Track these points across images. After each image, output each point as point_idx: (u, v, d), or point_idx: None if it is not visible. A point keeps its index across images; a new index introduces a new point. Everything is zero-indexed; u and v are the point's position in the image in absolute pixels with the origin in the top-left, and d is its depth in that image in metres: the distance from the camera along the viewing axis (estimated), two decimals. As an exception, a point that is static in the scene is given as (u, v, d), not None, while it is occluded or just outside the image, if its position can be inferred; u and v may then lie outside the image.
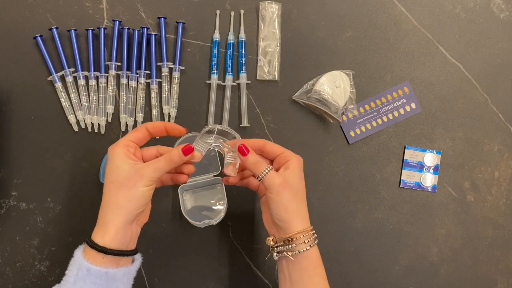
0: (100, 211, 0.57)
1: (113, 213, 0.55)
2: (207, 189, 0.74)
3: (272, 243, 0.60)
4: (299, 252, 0.57)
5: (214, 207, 0.74)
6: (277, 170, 0.60)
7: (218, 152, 0.74)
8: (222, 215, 0.72)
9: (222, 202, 0.73)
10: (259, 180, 0.59)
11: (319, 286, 0.58)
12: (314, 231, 0.59)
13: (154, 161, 0.57)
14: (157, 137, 0.74)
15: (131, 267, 0.58)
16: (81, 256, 0.55)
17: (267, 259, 0.63)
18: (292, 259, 0.57)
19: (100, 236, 0.55)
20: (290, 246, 0.57)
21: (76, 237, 0.74)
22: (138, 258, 0.60)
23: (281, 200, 0.57)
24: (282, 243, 0.58)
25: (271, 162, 0.63)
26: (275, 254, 0.59)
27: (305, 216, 0.59)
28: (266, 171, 0.58)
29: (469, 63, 0.78)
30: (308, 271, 0.58)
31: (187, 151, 0.58)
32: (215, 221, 0.71)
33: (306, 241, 0.57)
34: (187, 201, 0.73)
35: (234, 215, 0.75)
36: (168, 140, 0.71)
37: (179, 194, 0.72)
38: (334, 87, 0.73)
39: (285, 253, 0.58)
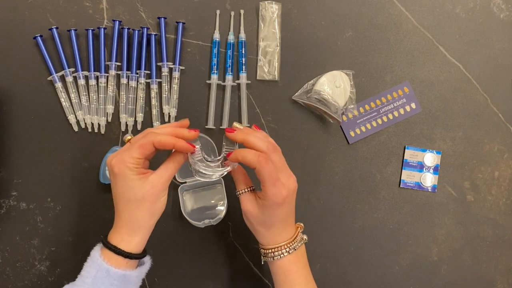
0: (121, 223, 0.58)
1: (137, 226, 0.58)
2: (207, 189, 0.74)
3: (261, 249, 0.64)
4: (263, 262, 0.63)
5: (214, 207, 0.74)
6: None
7: (218, 152, 0.74)
8: (222, 215, 0.72)
9: (222, 202, 0.73)
10: (237, 195, 0.62)
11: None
12: (286, 245, 0.60)
13: (165, 169, 0.58)
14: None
15: (142, 269, 0.60)
16: (100, 258, 0.56)
17: (263, 263, 0.64)
18: (262, 263, 0.64)
19: (125, 243, 0.57)
20: (262, 255, 0.63)
21: (76, 237, 0.74)
22: (148, 260, 0.62)
23: (247, 220, 0.62)
24: (263, 251, 0.62)
25: None
26: (262, 258, 0.63)
27: (273, 237, 0.60)
28: (241, 192, 0.62)
29: (469, 63, 0.78)
30: (280, 277, 0.61)
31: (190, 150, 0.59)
32: (215, 221, 0.71)
33: (273, 254, 0.60)
34: (187, 201, 0.73)
35: (234, 215, 0.75)
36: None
37: (179, 194, 0.72)
38: (334, 87, 0.73)
39: (266, 258, 0.62)
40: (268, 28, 0.76)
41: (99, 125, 0.75)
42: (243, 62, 0.76)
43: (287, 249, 0.60)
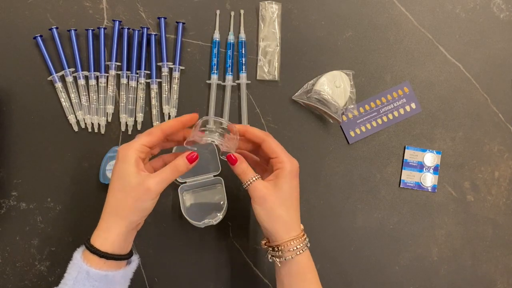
0: (103, 215, 0.57)
1: (116, 221, 0.56)
2: (207, 189, 0.74)
3: (265, 246, 0.60)
4: (285, 259, 0.57)
5: (214, 207, 0.74)
6: (271, 171, 0.60)
7: (218, 151, 0.74)
8: (222, 215, 0.72)
9: (222, 202, 0.73)
10: (245, 188, 0.59)
11: None
12: (304, 237, 0.58)
13: (160, 172, 0.56)
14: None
15: (128, 269, 0.59)
16: (80, 259, 0.55)
17: (266, 257, 0.63)
18: (279, 265, 0.58)
19: (101, 242, 0.55)
20: (277, 253, 0.57)
21: (76, 237, 0.74)
22: (135, 259, 0.61)
23: (263, 211, 0.57)
24: (271, 249, 0.58)
25: (268, 160, 0.61)
26: (269, 256, 0.59)
27: (293, 223, 0.58)
28: (251, 180, 0.58)
29: (469, 63, 0.78)
30: (298, 277, 0.58)
31: (192, 159, 0.58)
32: (215, 221, 0.71)
33: (293, 249, 0.57)
34: (187, 201, 0.73)
35: (234, 215, 0.75)
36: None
37: (179, 194, 0.72)
38: (334, 87, 0.73)
39: (274, 258, 0.58)
40: (268, 28, 0.76)
41: (99, 125, 0.75)
42: (243, 62, 0.76)
43: (306, 242, 0.58)
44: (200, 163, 0.68)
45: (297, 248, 0.57)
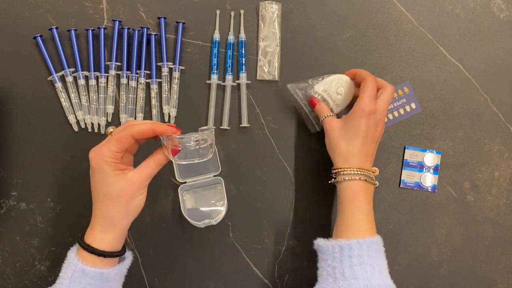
0: (96, 219, 0.58)
1: (111, 226, 0.57)
2: (207, 189, 0.74)
3: (333, 171, 0.67)
4: (338, 180, 0.65)
5: (214, 207, 0.74)
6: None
7: (217, 152, 0.74)
8: (222, 215, 0.72)
9: (222, 202, 0.73)
10: (321, 122, 0.69)
11: (353, 217, 0.63)
12: (361, 171, 0.64)
13: (144, 168, 0.56)
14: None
15: (122, 266, 0.60)
16: (75, 258, 0.56)
17: (330, 182, 0.68)
18: (336, 185, 0.66)
19: (98, 242, 0.56)
20: (334, 175, 0.67)
21: (76, 237, 0.74)
22: (129, 256, 0.61)
23: (327, 140, 0.68)
24: (333, 170, 0.67)
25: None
26: (333, 179, 0.67)
27: (351, 155, 0.65)
28: (325, 116, 0.69)
29: (469, 63, 0.78)
30: (344, 202, 0.64)
31: (174, 152, 0.58)
32: (215, 221, 0.71)
33: (346, 177, 0.64)
34: (187, 201, 0.73)
35: (234, 215, 0.75)
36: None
37: (179, 194, 0.72)
38: (335, 92, 0.73)
39: (333, 180, 0.67)
40: (268, 28, 0.76)
41: (99, 125, 0.75)
42: (243, 62, 0.76)
43: (360, 174, 0.64)
44: (200, 163, 0.68)
45: (347, 175, 0.64)
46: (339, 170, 0.65)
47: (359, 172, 0.64)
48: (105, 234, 0.56)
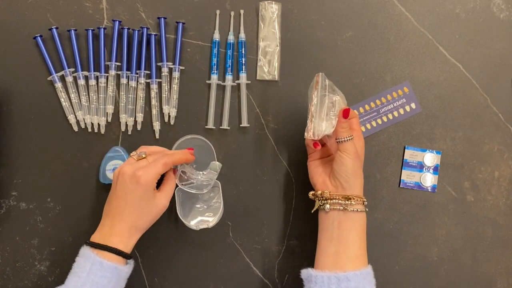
0: (122, 225, 0.63)
1: (139, 231, 0.65)
2: (202, 188, 0.74)
3: (329, 196, 0.64)
4: (356, 210, 0.63)
5: (210, 210, 0.73)
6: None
7: (216, 152, 0.74)
8: (218, 218, 0.72)
9: (218, 205, 0.73)
10: (339, 142, 0.64)
11: (362, 249, 0.63)
12: (359, 198, 0.64)
13: (167, 189, 0.67)
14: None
15: (130, 266, 0.65)
16: (92, 253, 0.61)
17: (312, 211, 0.66)
18: (349, 211, 0.63)
19: (123, 245, 0.63)
20: (348, 202, 0.63)
21: (76, 237, 0.74)
22: (131, 262, 0.67)
23: (353, 165, 0.64)
24: (340, 198, 0.63)
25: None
26: (327, 206, 0.63)
27: (362, 185, 0.65)
28: (350, 137, 0.64)
29: (469, 63, 0.78)
30: (358, 232, 0.63)
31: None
32: (210, 225, 0.71)
33: (363, 203, 0.64)
34: (183, 204, 0.73)
35: (234, 215, 0.75)
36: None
37: (176, 197, 0.71)
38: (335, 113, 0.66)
39: (341, 207, 0.63)
40: (268, 28, 0.76)
41: (99, 125, 0.75)
42: (243, 62, 0.76)
43: (363, 203, 0.64)
44: (198, 166, 0.71)
45: (363, 205, 0.64)
46: (359, 197, 0.64)
47: (366, 204, 0.65)
48: (130, 239, 0.63)
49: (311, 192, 0.67)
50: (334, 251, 0.62)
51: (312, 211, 0.66)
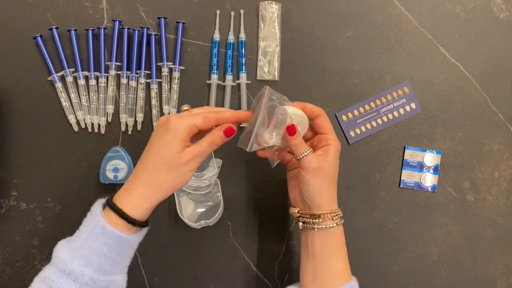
0: (137, 183, 0.56)
1: (155, 191, 0.56)
2: (203, 190, 0.74)
3: (298, 214, 0.62)
4: (325, 227, 0.59)
5: (210, 208, 0.74)
6: (316, 146, 0.62)
7: (217, 152, 0.74)
8: (218, 216, 0.72)
9: (218, 202, 0.73)
10: (297, 160, 0.60)
11: (340, 263, 0.60)
12: (340, 212, 0.61)
13: (199, 147, 0.57)
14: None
15: (141, 233, 0.58)
16: (99, 214, 0.55)
17: (291, 228, 0.65)
18: (316, 230, 0.59)
19: (132, 206, 0.55)
20: (316, 220, 0.59)
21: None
22: (144, 229, 0.60)
23: (313, 182, 0.59)
24: (308, 216, 0.60)
25: (315, 133, 0.64)
26: (300, 223, 0.61)
27: (334, 198, 0.61)
28: (306, 153, 0.60)
29: (469, 63, 0.78)
30: (331, 247, 0.60)
31: (229, 132, 0.58)
32: (211, 222, 0.71)
33: (332, 219, 0.60)
34: (183, 202, 0.73)
35: (234, 215, 0.75)
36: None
37: (175, 196, 0.72)
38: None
39: (310, 225, 0.60)
40: (268, 28, 0.76)
41: (99, 125, 0.75)
42: (243, 62, 0.76)
43: (342, 217, 0.61)
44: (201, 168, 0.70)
45: (334, 220, 0.60)
46: (330, 213, 0.59)
47: (341, 215, 0.61)
48: (142, 201, 0.55)
49: (290, 208, 0.64)
50: (312, 269, 0.60)
51: (290, 229, 0.65)
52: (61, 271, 0.53)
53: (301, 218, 0.61)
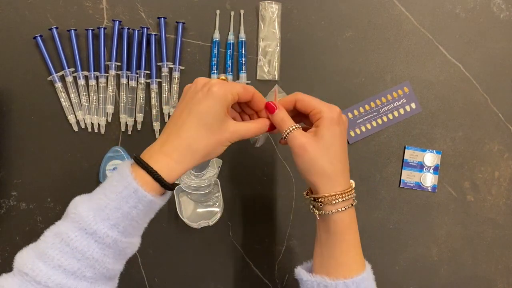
0: (174, 145, 0.51)
1: (192, 155, 0.51)
2: (203, 190, 0.74)
3: (307, 197, 0.56)
4: (324, 213, 0.53)
5: (210, 208, 0.74)
6: (311, 125, 0.56)
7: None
8: (218, 216, 0.72)
9: (218, 203, 0.73)
10: (284, 138, 0.55)
11: (346, 254, 0.54)
12: (351, 194, 0.54)
13: (243, 126, 0.54)
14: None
15: (166, 196, 0.53)
16: (130, 174, 0.49)
17: (309, 207, 0.58)
18: (318, 218, 0.54)
19: (168, 169, 0.50)
20: (318, 204, 0.54)
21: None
22: (169, 192, 0.55)
23: (303, 163, 0.53)
24: (313, 199, 0.54)
25: (307, 116, 0.58)
26: (311, 207, 0.56)
27: (338, 177, 0.53)
28: (289, 129, 0.54)
29: (469, 63, 0.78)
30: (335, 236, 0.54)
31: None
32: (211, 222, 0.71)
33: (333, 202, 0.53)
34: (183, 202, 0.73)
35: (234, 215, 0.75)
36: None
37: (175, 196, 0.72)
38: None
39: (314, 210, 0.55)
40: (268, 28, 0.76)
41: (99, 125, 0.75)
42: (243, 62, 0.76)
43: (351, 198, 0.54)
44: (197, 167, 0.70)
45: (338, 203, 0.53)
46: (328, 197, 0.52)
47: (350, 196, 0.54)
48: (179, 165, 0.50)
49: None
50: (326, 256, 0.55)
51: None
52: (81, 229, 0.48)
53: (310, 201, 0.55)
